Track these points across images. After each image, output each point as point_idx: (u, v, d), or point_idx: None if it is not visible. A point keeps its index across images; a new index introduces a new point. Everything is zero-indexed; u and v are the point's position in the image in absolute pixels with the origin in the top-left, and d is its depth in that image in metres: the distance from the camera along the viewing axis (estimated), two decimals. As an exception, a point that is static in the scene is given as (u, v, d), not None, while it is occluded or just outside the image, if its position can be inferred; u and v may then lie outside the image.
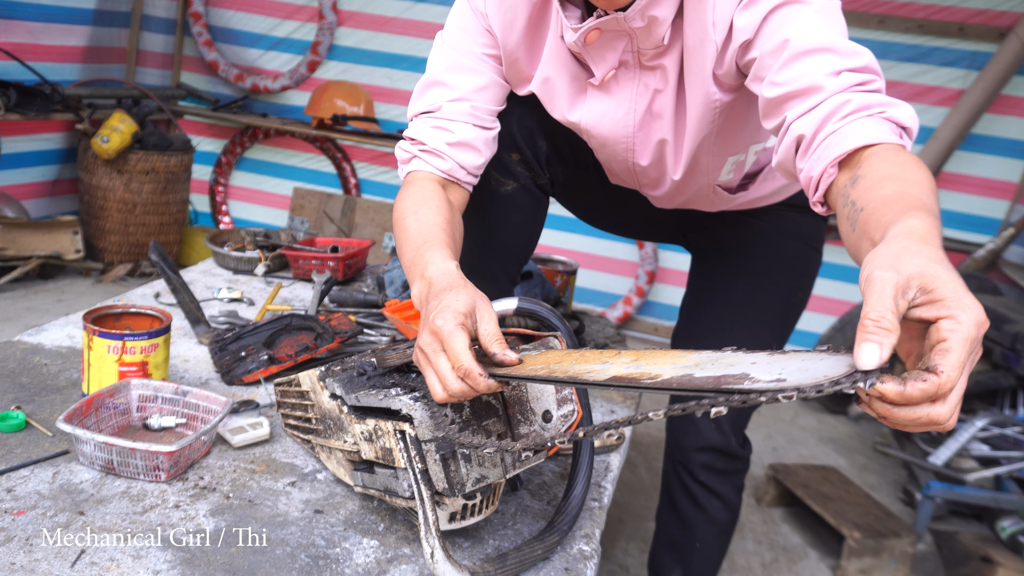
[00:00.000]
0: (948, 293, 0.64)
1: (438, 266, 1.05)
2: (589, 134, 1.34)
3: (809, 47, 1.01)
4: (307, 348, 1.60)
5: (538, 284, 2.06)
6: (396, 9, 4.35)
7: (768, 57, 1.05)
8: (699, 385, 0.69)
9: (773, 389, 0.63)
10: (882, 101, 0.97)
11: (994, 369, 3.00)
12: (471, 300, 0.96)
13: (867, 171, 0.90)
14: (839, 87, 0.98)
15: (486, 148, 1.31)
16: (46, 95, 3.61)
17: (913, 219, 0.77)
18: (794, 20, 1.03)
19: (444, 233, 1.14)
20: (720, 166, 1.33)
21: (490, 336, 0.94)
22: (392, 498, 1.06)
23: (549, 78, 1.29)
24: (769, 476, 2.78)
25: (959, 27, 3.69)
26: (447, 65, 1.29)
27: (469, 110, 1.28)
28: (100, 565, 0.97)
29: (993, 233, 3.81)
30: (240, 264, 2.25)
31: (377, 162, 4.59)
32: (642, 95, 1.25)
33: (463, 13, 1.30)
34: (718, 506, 1.58)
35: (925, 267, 0.65)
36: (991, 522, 2.69)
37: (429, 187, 1.24)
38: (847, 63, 1.00)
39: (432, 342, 0.93)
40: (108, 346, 1.31)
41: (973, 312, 0.63)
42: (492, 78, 1.31)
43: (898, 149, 0.92)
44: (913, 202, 0.81)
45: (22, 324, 3.22)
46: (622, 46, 1.19)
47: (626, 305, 4.27)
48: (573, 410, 1.10)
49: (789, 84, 1.02)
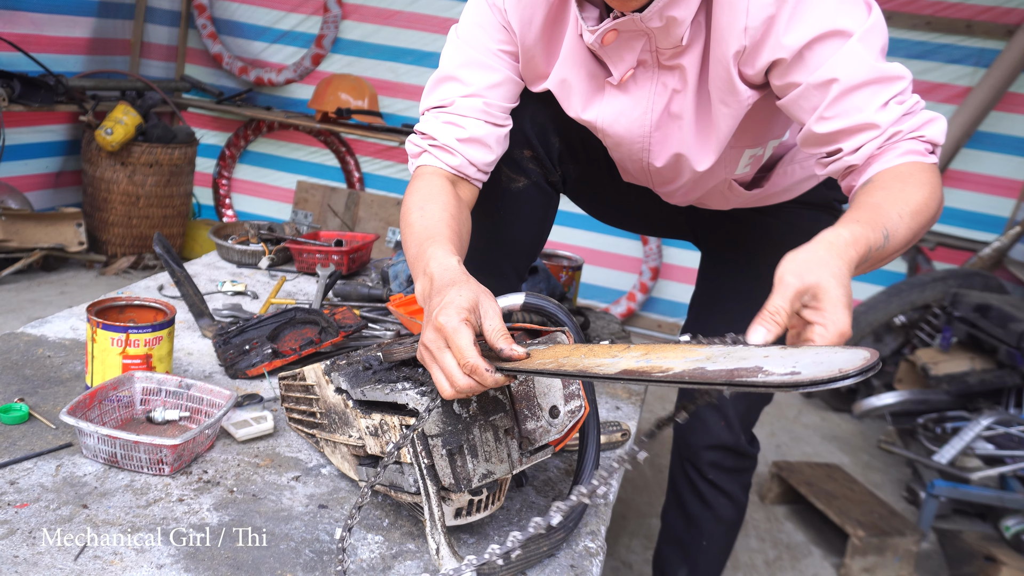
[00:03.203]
0: (828, 306, 0.79)
1: (440, 262, 1.04)
2: (604, 133, 1.32)
3: (856, 83, 1.06)
4: (311, 342, 1.59)
5: (543, 279, 2.05)
6: (401, 3, 4.33)
7: (815, 91, 1.08)
8: (711, 379, 0.68)
9: (788, 383, 0.64)
10: (922, 122, 1.07)
11: (999, 368, 2.99)
12: (474, 295, 0.95)
13: (877, 179, 1.04)
14: (889, 121, 1.06)
15: (497, 145, 1.30)
16: (50, 86, 3.60)
17: (849, 228, 0.90)
18: (839, 55, 1.06)
19: (448, 229, 1.14)
20: (737, 158, 1.31)
21: (495, 332, 0.94)
22: (397, 493, 1.06)
23: (566, 77, 1.28)
24: (773, 473, 2.77)
25: (967, 24, 3.67)
26: (461, 61, 1.28)
27: (481, 106, 1.27)
28: (103, 559, 0.96)
29: (999, 231, 3.79)
30: (244, 257, 2.24)
31: (381, 156, 4.58)
32: (660, 95, 1.23)
33: (479, 8, 1.28)
34: (725, 504, 1.57)
35: (823, 280, 0.80)
36: (995, 521, 2.68)
37: (437, 182, 1.24)
38: (892, 90, 1.07)
39: (437, 339, 0.93)
40: (112, 339, 1.30)
41: (840, 326, 0.78)
42: (506, 75, 1.29)
43: (915, 167, 1.04)
44: (879, 214, 0.95)
45: (25, 316, 3.22)
46: (640, 45, 1.18)
47: (630, 301, 4.26)
48: (580, 406, 1.09)
49: (841, 120, 1.08)
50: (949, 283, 3.35)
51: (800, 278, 0.80)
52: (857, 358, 0.65)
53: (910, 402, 3.09)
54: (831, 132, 1.09)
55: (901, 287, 3.47)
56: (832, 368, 0.64)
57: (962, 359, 3.06)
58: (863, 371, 0.64)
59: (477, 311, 0.94)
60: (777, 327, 0.76)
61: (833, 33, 1.05)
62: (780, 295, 0.79)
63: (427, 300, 1.01)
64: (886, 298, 3.46)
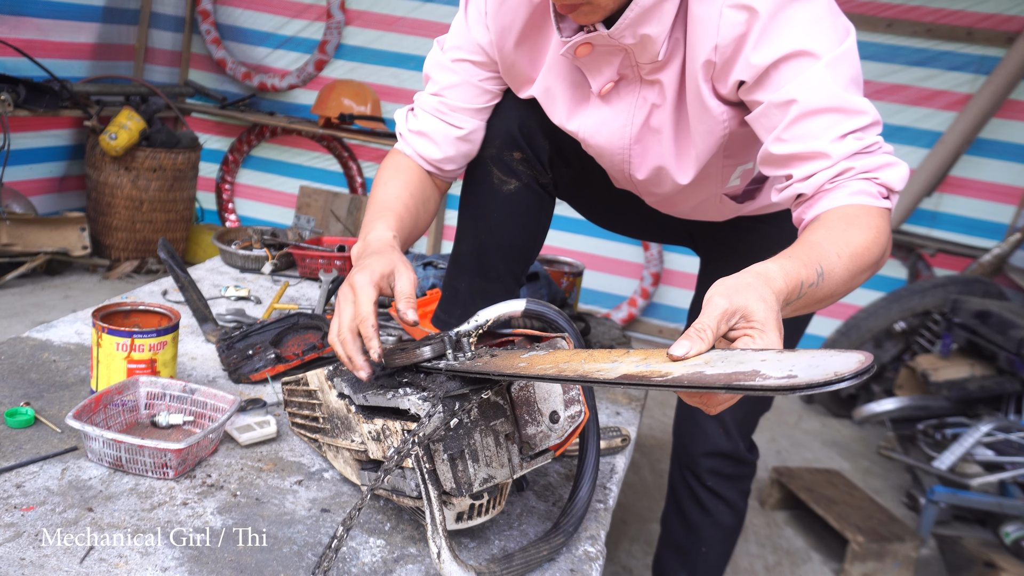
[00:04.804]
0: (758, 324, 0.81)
1: (377, 234, 1.21)
2: (587, 143, 1.35)
3: (816, 107, 1.04)
4: (314, 347, 1.60)
5: (544, 285, 2.06)
6: (404, 9, 4.35)
7: (775, 109, 1.07)
8: (710, 382, 0.69)
9: (785, 386, 0.65)
10: (879, 164, 1.05)
11: (999, 374, 3.00)
12: (391, 264, 1.11)
13: (822, 217, 1.04)
14: (843, 154, 1.04)
15: (448, 145, 1.40)
16: (55, 92, 3.62)
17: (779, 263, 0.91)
18: (802, 76, 1.04)
19: (401, 204, 1.31)
20: (729, 175, 1.33)
21: (401, 293, 1.10)
22: (399, 497, 1.07)
23: (550, 86, 1.32)
24: (773, 479, 2.78)
25: (967, 31, 3.69)
26: (434, 61, 1.41)
27: (437, 104, 1.39)
28: (108, 561, 0.97)
29: (999, 238, 3.80)
30: (247, 262, 2.26)
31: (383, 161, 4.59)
32: (640, 108, 1.25)
33: (461, 14, 1.36)
34: (724, 511, 1.58)
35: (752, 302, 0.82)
36: (995, 527, 2.69)
37: (404, 162, 1.42)
38: (852, 124, 1.05)
39: (348, 293, 1.09)
40: (117, 343, 1.32)
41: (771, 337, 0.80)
42: (464, 79, 1.38)
43: (862, 209, 1.03)
44: (816, 251, 0.95)
45: (29, 320, 3.24)
46: (618, 60, 1.20)
47: (631, 307, 4.27)
48: (580, 411, 1.10)
49: (795, 144, 1.07)
50: (949, 289, 3.36)
51: (730, 300, 0.81)
52: (852, 361, 0.66)
53: (910, 408, 3.09)
54: (785, 155, 1.08)
55: (901, 293, 3.48)
56: (828, 371, 0.65)
57: (962, 365, 3.06)
58: (858, 374, 0.65)
59: (392, 277, 1.11)
60: (702, 343, 0.77)
61: (800, 54, 1.04)
62: (708, 314, 0.80)
63: (356, 260, 1.19)
64: (886, 304, 3.47)
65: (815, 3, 1.06)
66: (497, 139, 1.43)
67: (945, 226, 3.91)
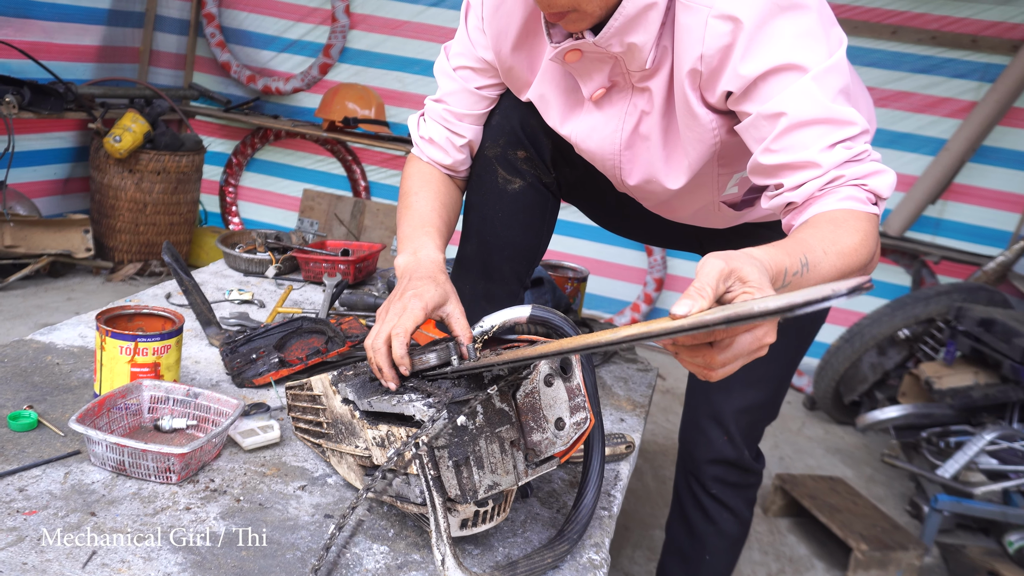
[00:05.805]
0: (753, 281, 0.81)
1: (427, 253, 1.25)
2: (579, 147, 1.37)
3: (805, 119, 1.05)
4: (318, 351, 1.60)
5: (549, 291, 2.06)
6: (408, 13, 4.36)
7: (764, 121, 1.08)
8: (711, 322, 0.71)
9: (783, 306, 0.67)
10: (868, 171, 1.06)
11: (1003, 382, 2.99)
12: (444, 296, 1.16)
13: (811, 220, 1.05)
14: (833, 163, 1.06)
15: (453, 151, 1.45)
16: (59, 94, 3.63)
17: (764, 249, 0.92)
18: (791, 89, 1.05)
19: (437, 216, 1.35)
20: (725, 183, 1.33)
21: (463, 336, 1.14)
22: (404, 504, 1.06)
23: (544, 92, 1.35)
24: (776, 486, 2.77)
25: (972, 39, 3.69)
26: (440, 67, 1.44)
27: (441, 111, 1.44)
28: (111, 566, 0.97)
29: (1004, 245, 3.79)
30: (251, 266, 2.25)
31: (387, 165, 4.60)
32: (631, 115, 1.26)
33: (462, 21, 1.39)
34: (729, 519, 1.58)
35: (746, 266, 0.83)
36: (998, 536, 2.68)
37: (427, 169, 1.45)
38: (840, 134, 1.06)
39: (399, 309, 1.13)
40: (121, 347, 1.31)
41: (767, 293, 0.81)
42: (463, 85, 1.41)
43: (851, 214, 1.04)
44: (801, 244, 0.96)
45: (32, 322, 3.24)
46: (609, 67, 1.21)
47: (634, 312, 4.27)
48: (586, 418, 1.10)
49: (785, 155, 1.08)
50: (953, 297, 3.35)
51: (726, 262, 0.82)
52: (849, 281, 0.68)
53: (914, 416, 3.08)
54: (775, 165, 1.09)
55: (905, 300, 3.47)
56: (824, 290, 0.67)
57: (966, 373, 3.05)
58: (854, 289, 0.66)
59: (442, 309, 1.16)
60: (701, 300, 0.77)
61: (788, 67, 1.05)
62: (706, 275, 0.81)
63: (405, 275, 1.22)
64: (890, 311, 3.46)
65: (804, 15, 1.06)
66: (501, 137, 1.44)
67: (949, 233, 3.90)
